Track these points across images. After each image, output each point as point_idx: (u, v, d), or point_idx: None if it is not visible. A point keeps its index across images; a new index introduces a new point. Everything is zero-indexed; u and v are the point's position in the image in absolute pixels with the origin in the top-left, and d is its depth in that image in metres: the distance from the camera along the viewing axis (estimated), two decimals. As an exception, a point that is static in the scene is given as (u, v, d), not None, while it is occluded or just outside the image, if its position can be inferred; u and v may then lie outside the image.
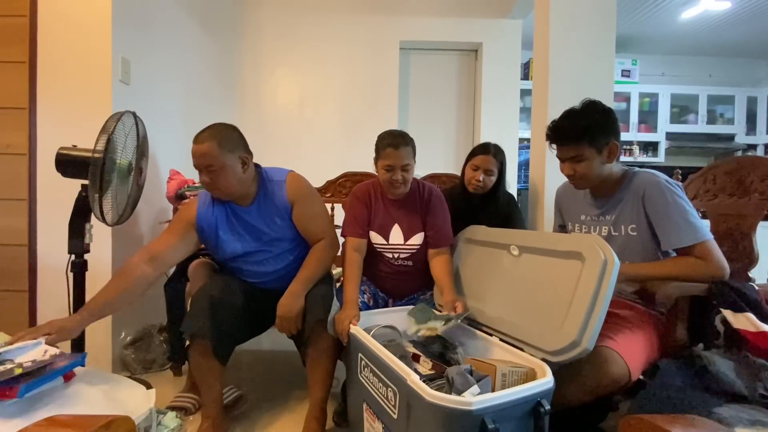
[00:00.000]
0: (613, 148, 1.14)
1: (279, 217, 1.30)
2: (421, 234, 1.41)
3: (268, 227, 1.30)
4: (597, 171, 1.16)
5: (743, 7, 2.90)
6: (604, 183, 1.20)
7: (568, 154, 1.18)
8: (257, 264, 1.33)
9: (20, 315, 1.65)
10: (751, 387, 0.85)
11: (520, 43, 2.93)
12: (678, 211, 1.06)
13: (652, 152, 3.63)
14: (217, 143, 1.18)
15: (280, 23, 2.87)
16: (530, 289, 1.09)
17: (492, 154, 1.59)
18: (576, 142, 1.14)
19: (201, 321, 1.16)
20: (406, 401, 0.86)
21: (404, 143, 1.33)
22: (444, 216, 1.43)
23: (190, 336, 1.18)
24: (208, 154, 1.17)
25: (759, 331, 0.94)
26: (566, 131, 1.17)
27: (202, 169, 1.19)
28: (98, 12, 1.64)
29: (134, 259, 1.20)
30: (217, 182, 1.20)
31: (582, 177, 1.18)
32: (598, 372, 0.95)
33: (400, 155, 1.31)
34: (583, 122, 1.14)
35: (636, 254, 1.14)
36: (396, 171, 1.33)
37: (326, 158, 1.47)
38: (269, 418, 1.42)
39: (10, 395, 0.81)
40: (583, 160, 1.15)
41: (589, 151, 1.14)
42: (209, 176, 1.19)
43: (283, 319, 1.21)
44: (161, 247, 1.24)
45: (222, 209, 1.30)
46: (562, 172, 1.24)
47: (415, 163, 1.38)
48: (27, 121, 1.63)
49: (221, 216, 1.29)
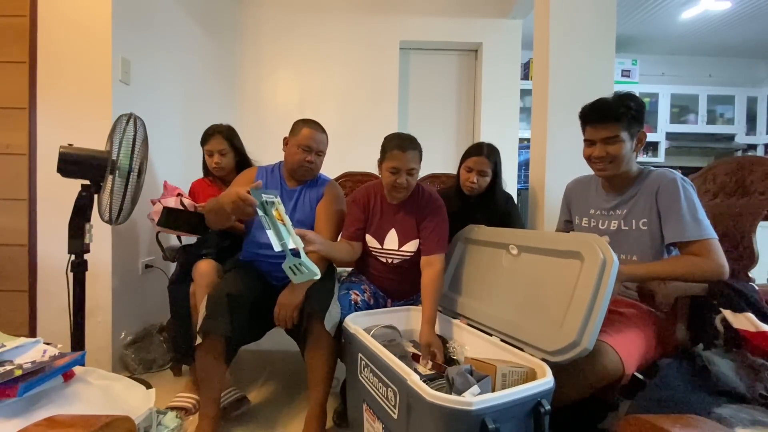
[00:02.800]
0: (642, 137, 1.17)
1: (310, 204, 1.47)
2: (416, 241, 1.39)
3: (300, 208, 1.45)
4: (627, 156, 1.17)
5: (743, 7, 2.90)
6: (622, 176, 1.20)
7: (602, 134, 1.17)
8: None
9: (20, 315, 1.64)
10: (751, 387, 0.85)
11: (520, 43, 2.93)
12: (688, 206, 1.07)
13: (652, 152, 3.63)
14: (327, 136, 1.48)
15: (280, 23, 2.87)
16: (529, 288, 1.09)
17: (485, 155, 1.58)
18: (617, 121, 1.15)
19: (217, 319, 1.18)
20: (406, 401, 0.86)
21: (412, 147, 1.32)
22: (440, 223, 1.38)
23: (203, 334, 1.19)
24: (324, 142, 1.46)
25: (759, 331, 0.94)
26: (606, 110, 1.17)
27: (314, 150, 1.43)
28: (98, 12, 1.64)
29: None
30: (318, 165, 1.47)
31: (613, 160, 1.17)
32: (591, 365, 0.95)
33: (407, 158, 1.29)
34: (626, 103, 1.15)
35: (645, 249, 1.15)
36: (401, 174, 1.31)
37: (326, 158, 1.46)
38: (270, 418, 1.42)
39: (10, 394, 0.81)
40: (618, 142, 1.15)
41: (624, 135, 1.15)
42: (316, 159, 1.44)
43: (281, 306, 1.24)
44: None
45: (275, 182, 1.49)
46: (587, 157, 1.22)
47: (420, 169, 1.36)
48: (27, 121, 1.63)
49: (273, 185, 1.48)
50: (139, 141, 1.39)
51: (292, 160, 1.43)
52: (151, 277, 1.95)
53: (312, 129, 1.43)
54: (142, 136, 1.42)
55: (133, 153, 1.35)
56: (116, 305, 1.71)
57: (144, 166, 1.44)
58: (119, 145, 1.33)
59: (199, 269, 1.43)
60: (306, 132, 1.41)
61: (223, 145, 1.65)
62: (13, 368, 0.84)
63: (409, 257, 1.40)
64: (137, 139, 1.38)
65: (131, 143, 1.35)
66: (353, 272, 1.58)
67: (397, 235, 1.40)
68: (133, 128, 1.37)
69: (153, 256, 1.96)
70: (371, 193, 1.46)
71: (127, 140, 1.34)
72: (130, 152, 1.35)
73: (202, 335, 1.19)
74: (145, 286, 1.92)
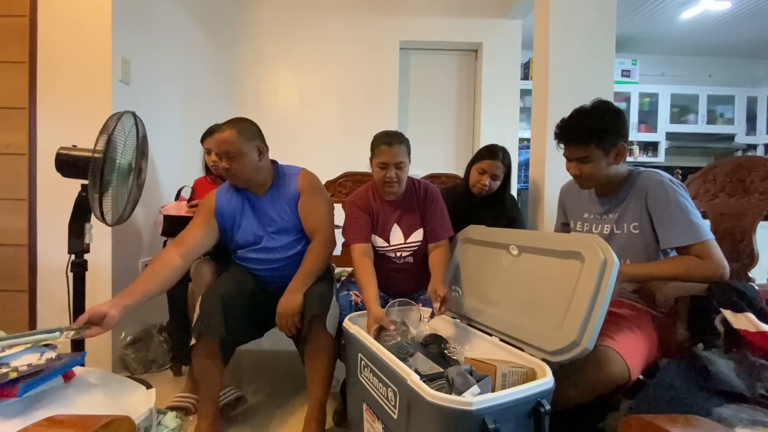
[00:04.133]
0: (621, 149, 1.13)
1: (288, 206, 1.38)
2: (421, 230, 1.43)
3: (279, 216, 1.37)
4: (603, 172, 1.15)
5: (743, 7, 2.90)
6: (609, 182, 1.20)
7: (575, 154, 1.17)
8: (266, 251, 1.37)
9: (20, 315, 1.64)
10: (751, 387, 0.85)
11: (520, 43, 2.93)
12: (680, 209, 1.06)
13: (652, 152, 3.63)
14: (236, 131, 1.29)
15: (280, 23, 2.87)
16: (530, 288, 1.09)
17: (500, 159, 1.60)
18: (585, 143, 1.13)
19: (210, 320, 1.17)
20: (406, 401, 0.86)
21: (398, 141, 1.36)
22: (441, 210, 1.44)
23: (197, 335, 1.19)
24: (228, 140, 1.28)
25: (759, 331, 0.94)
26: (575, 132, 1.15)
27: (222, 155, 1.29)
28: (98, 12, 1.64)
29: (168, 252, 1.26)
30: (235, 168, 1.30)
31: (588, 177, 1.18)
32: (597, 371, 0.95)
33: (394, 152, 1.33)
34: (592, 124, 1.12)
35: (637, 253, 1.14)
36: (390, 168, 1.34)
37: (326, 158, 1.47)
38: (269, 418, 1.42)
39: (10, 395, 0.81)
40: (590, 162, 1.14)
41: (597, 153, 1.13)
42: (228, 162, 1.29)
43: (282, 316, 1.22)
44: (190, 239, 1.31)
45: (239, 197, 1.38)
46: (568, 171, 1.23)
47: (409, 163, 1.39)
48: (27, 121, 1.63)
49: (238, 203, 1.38)
50: (131, 139, 1.35)
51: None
52: (151, 277, 1.94)
53: (217, 134, 1.33)
54: (134, 132, 1.37)
55: (120, 151, 1.30)
56: (116, 305, 1.71)
57: (142, 164, 1.42)
58: (106, 144, 1.27)
59: (198, 269, 1.43)
60: (211, 140, 1.38)
61: None
62: (8, 371, 0.83)
63: (417, 247, 1.43)
64: (129, 137, 1.34)
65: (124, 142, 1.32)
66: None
67: (401, 230, 1.43)
68: (123, 126, 1.31)
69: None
70: (370, 195, 1.47)
71: (122, 139, 1.32)
72: (129, 150, 1.34)
73: (196, 336, 1.19)
74: (145, 286, 1.91)
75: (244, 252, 1.38)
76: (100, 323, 1.00)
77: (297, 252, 1.38)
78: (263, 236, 1.36)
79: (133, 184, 1.37)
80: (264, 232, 1.37)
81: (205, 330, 1.17)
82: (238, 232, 1.37)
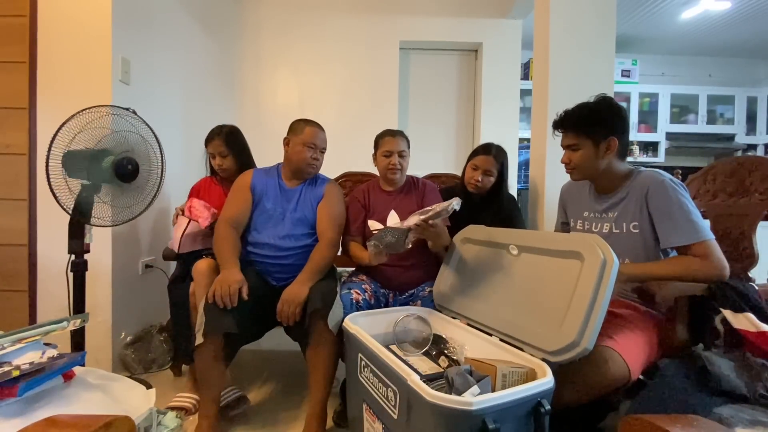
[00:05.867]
0: (612, 144, 1.15)
1: (311, 203, 1.49)
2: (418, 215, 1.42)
3: (300, 206, 1.48)
4: (591, 164, 1.17)
5: (743, 7, 2.90)
6: (607, 179, 1.20)
7: (566, 141, 1.22)
8: (280, 239, 1.42)
9: (20, 315, 1.65)
10: (751, 387, 0.85)
11: (520, 43, 2.93)
12: (680, 209, 1.06)
13: (652, 152, 3.63)
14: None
15: (280, 23, 2.87)
16: (529, 288, 1.09)
17: (492, 155, 1.60)
18: (574, 130, 1.17)
19: (217, 320, 1.18)
20: (406, 401, 0.86)
21: (400, 134, 1.53)
22: (438, 200, 1.50)
23: (204, 333, 1.19)
24: (325, 140, 1.52)
25: (759, 331, 0.94)
26: (567, 119, 1.20)
27: (318, 148, 1.48)
28: (98, 12, 1.64)
29: (225, 227, 1.39)
30: (320, 163, 1.52)
31: (575, 167, 1.21)
32: (598, 372, 0.95)
33: (397, 142, 1.50)
34: (585, 113, 1.16)
35: (637, 252, 1.14)
36: (394, 156, 1.49)
37: (326, 158, 1.47)
38: (269, 418, 1.42)
39: (10, 394, 0.81)
40: (579, 150, 1.18)
41: (585, 142, 1.16)
42: (320, 157, 1.50)
43: (285, 302, 1.25)
44: (235, 212, 1.43)
45: (272, 181, 1.51)
46: (561, 161, 1.27)
47: (409, 157, 1.54)
48: (27, 121, 1.63)
49: (270, 185, 1.50)
50: (121, 136, 1.32)
51: (297, 159, 1.46)
52: (151, 277, 1.95)
53: (315, 127, 1.49)
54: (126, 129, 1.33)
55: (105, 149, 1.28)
56: (116, 305, 1.71)
57: (139, 163, 1.39)
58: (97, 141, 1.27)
59: (199, 269, 1.43)
60: (310, 130, 1.47)
61: (222, 148, 1.65)
62: (10, 369, 0.84)
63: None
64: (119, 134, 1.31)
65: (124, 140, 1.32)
66: (354, 272, 1.59)
67: (398, 214, 1.49)
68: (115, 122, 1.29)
69: (153, 256, 1.96)
70: (367, 188, 1.60)
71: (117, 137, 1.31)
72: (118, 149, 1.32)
73: (204, 334, 1.20)
74: (145, 286, 1.92)
75: (260, 236, 1.42)
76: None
77: (306, 245, 1.44)
78: (283, 217, 1.45)
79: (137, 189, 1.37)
80: (284, 214, 1.45)
81: (215, 329, 1.18)
82: (261, 213, 1.45)
